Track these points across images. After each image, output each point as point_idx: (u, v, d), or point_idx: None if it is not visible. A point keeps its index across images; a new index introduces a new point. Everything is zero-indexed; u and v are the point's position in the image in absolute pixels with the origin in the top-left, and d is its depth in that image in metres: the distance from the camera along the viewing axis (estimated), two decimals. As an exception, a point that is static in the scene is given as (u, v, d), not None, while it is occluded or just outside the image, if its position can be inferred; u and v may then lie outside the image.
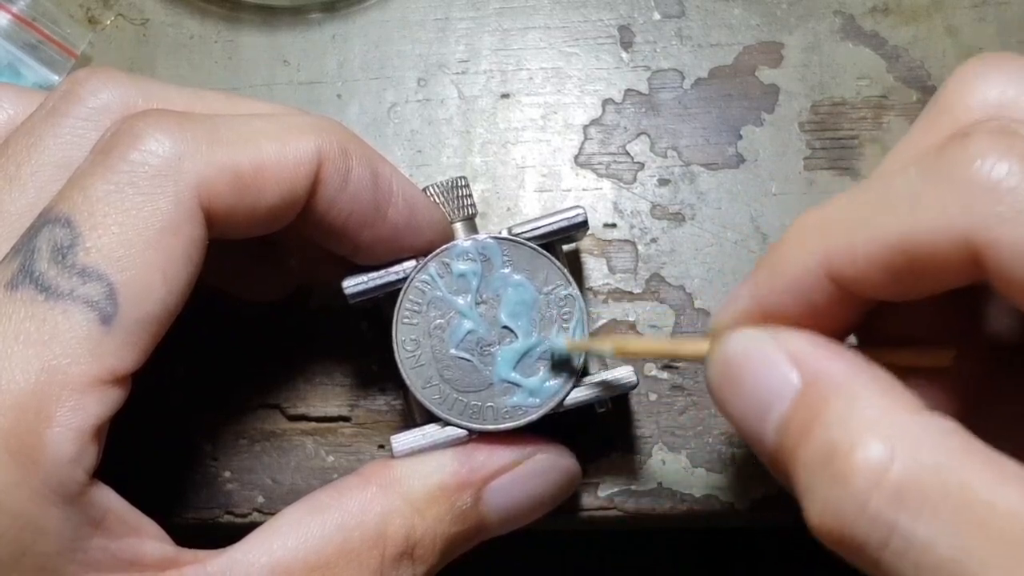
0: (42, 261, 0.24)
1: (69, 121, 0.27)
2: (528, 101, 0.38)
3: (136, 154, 0.25)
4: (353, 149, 0.28)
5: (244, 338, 0.35)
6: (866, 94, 0.37)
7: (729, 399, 0.25)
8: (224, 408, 0.34)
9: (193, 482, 0.34)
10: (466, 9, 0.39)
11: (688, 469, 0.34)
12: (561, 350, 0.30)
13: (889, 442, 0.21)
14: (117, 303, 0.24)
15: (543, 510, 0.30)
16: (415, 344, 0.30)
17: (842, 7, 0.38)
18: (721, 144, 0.37)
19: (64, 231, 0.24)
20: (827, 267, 0.24)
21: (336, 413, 0.35)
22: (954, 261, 0.22)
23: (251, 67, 0.38)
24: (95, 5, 0.39)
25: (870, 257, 0.23)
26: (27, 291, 0.24)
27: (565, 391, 0.30)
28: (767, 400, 0.24)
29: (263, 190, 0.26)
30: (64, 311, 0.24)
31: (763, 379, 0.24)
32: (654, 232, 0.36)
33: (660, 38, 0.38)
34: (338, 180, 0.28)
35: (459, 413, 0.29)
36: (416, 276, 0.30)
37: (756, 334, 0.25)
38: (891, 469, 0.21)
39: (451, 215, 0.32)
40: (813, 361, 0.23)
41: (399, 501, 0.27)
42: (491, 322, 0.30)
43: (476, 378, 0.30)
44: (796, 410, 0.23)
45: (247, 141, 0.26)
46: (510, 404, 0.29)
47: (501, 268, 0.30)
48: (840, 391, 0.23)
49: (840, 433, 0.22)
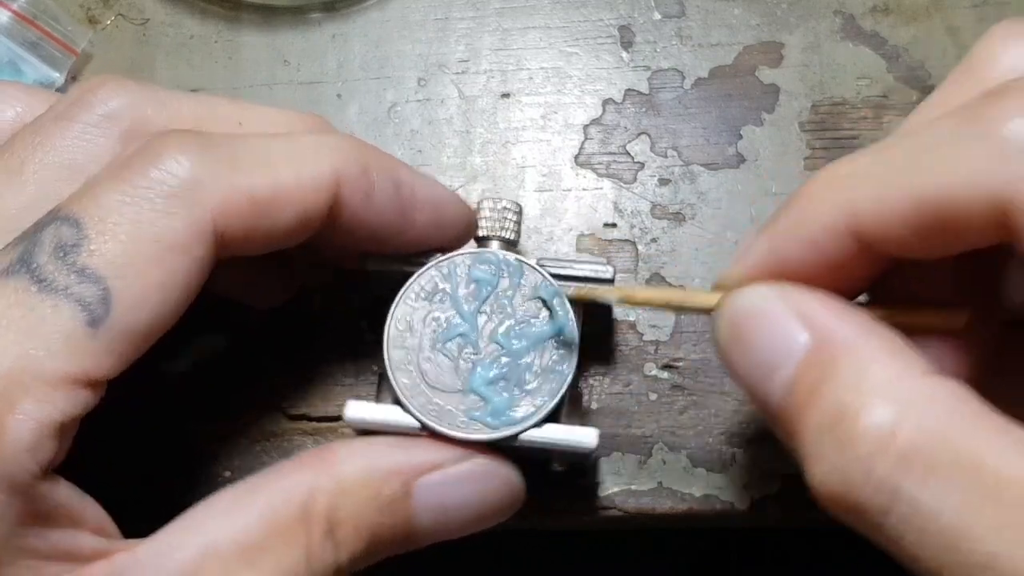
0: (42, 254, 0.24)
1: (78, 126, 0.27)
2: (528, 101, 0.38)
3: (155, 172, 0.25)
4: (373, 164, 0.28)
5: (243, 338, 0.35)
6: (866, 94, 0.37)
7: (736, 357, 0.25)
8: (224, 408, 0.34)
9: (193, 482, 0.34)
10: (466, 9, 0.39)
11: (688, 469, 0.34)
12: (558, 294, 0.30)
13: (897, 406, 0.21)
14: (109, 309, 0.24)
15: (479, 522, 0.29)
16: (407, 326, 0.30)
17: (842, 7, 0.38)
18: (721, 144, 0.37)
19: (71, 230, 0.24)
20: (851, 221, 0.23)
21: (336, 413, 0.35)
22: (981, 220, 0.21)
23: (251, 67, 0.38)
24: (95, 5, 0.39)
25: (898, 212, 0.22)
26: (21, 279, 0.24)
27: (526, 425, 0.29)
28: (775, 359, 0.23)
29: (279, 213, 0.27)
30: (54, 305, 0.24)
31: (772, 338, 0.24)
32: (654, 232, 0.36)
33: (660, 38, 0.38)
34: (360, 198, 0.28)
35: (420, 406, 0.29)
36: (435, 266, 0.30)
37: (766, 291, 0.24)
38: (898, 434, 0.20)
39: (490, 230, 0.32)
40: (823, 321, 0.23)
41: (326, 480, 0.27)
42: (486, 334, 0.30)
43: (450, 379, 0.29)
44: (804, 370, 0.23)
45: (264, 166, 0.26)
46: (470, 416, 0.29)
47: (516, 290, 0.30)
48: (850, 353, 0.22)
49: (848, 396, 0.21)
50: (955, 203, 0.22)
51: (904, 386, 0.21)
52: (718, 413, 0.34)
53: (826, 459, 0.22)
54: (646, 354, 0.34)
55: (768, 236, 0.25)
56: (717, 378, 0.34)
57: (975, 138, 0.22)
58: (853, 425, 0.21)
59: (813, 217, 0.24)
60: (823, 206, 0.24)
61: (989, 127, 0.21)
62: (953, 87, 0.25)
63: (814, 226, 0.24)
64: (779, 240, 0.25)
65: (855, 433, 0.21)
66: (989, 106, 0.22)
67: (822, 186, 0.24)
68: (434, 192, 0.30)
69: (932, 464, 0.20)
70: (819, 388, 0.22)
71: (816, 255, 0.24)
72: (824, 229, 0.24)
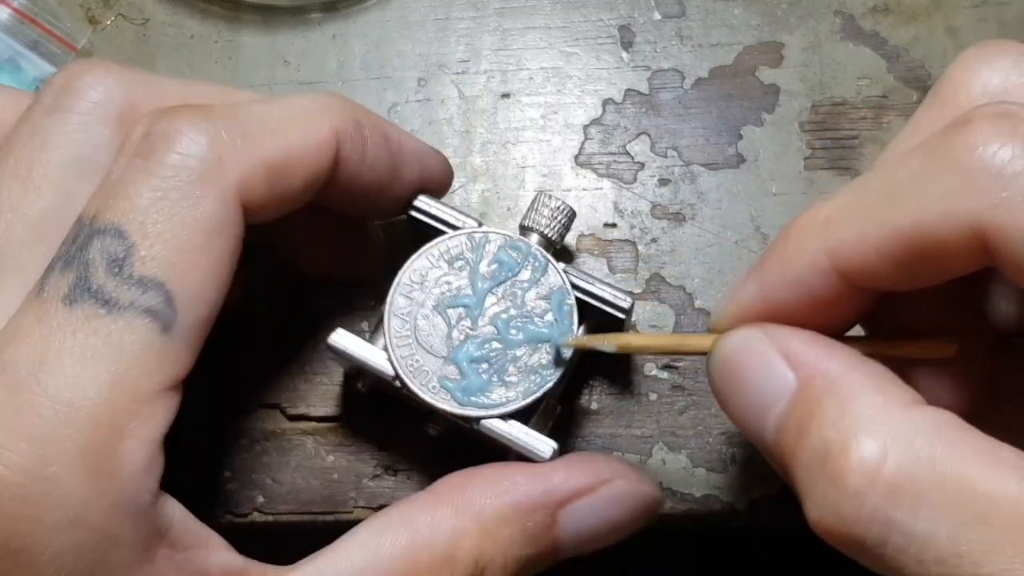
0: (99, 274, 0.24)
1: (73, 117, 0.27)
2: (528, 101, 0.38)
3: (175, 157, 0.25)
4: (364, 120, 0.29)
5: (244, 338, 0.35)
6: (866, 94, 0.37)
7: (730, 399, 0.25)
8: (224, 408, 0.34)
9: (193, 482, 0.34)
10: (466, 9, 0.39)
11: (688, 469, 0.34)
12: (562, 345, 0.30)
13: (882, 439, 0.21)
14: (175, 309, 0.24)
15: (620, 536, 0.29)
16: (420, 279, 0.30)
17: (842, 7, 0.38)
18: (721, 144, 0.37)
19: (116, 242, 0.24)
20: (834, 261, 0.23)
21: (336, 413, 0.35)
22: (962, 248, 0.22)
23: (251, 67, 0.38)
24: (95, 5, 0.39)
25: (877, 248, 0.23)
26: (87, 306, 0.24)
27: (490, 413, 0.29)
28: (766, 400, 0.24)
29: (292, 178, 0.27)
30: (127, 323, 0.24)
31: (761, 379, 0.24)
32: (654, 232, 0.36)
33: (660, 38, 0.38)
34: (357, 154, 0.28)
35: (401, 357, 0.29)
36: (468, 233, 0.31)
37: (753, 334, 0.25)
38: (885, 466, 0.21)
39: (534, 223, 0.32)
40: (808, 360, 0.23)
41: (470, 521, 0.27)
42: (488, 315, 0.30)
43: (438, 344, 0.30)
44: (792, 410, 0.23)
45: (272, 132, 0.27)
46: (442, 384, 0.29)
47: (533, 285, 0.30)
48: (834, 389, 0.23)
49: (834, 432, 0.22)
50: (932, 236, 0.22)
51: (888, 418, 0.22)
52: (718, 413, 0.34)
53: (819, 496, 0.22)
54: (646, 353, 0.34)
55: (756, 278, 0.25)
56: (717, 378, 0.34)
57: (946, 169, 0.22)
58: (841, 461, 0.21)
59: (797, 259, 0.24)
60: (806, 247, 0.24)
61: (958, 156, 0.21)
62: (926, 114, 0.25)
63: (799, 267, 0.24)
64: (767, 282, 0.25)
65: (844, 469, 0.21)
66: (957, 135, 0.22)
67: (804, 228, 0.25)
68: (417, 146, 0.31)
69: (921, 492, 0.20)
70: (807, 426, 0.22)
71: (803, 294, 0.24)
72: (809, 270, 0.24)
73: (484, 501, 0.27)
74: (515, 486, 0.28)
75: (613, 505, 0.29)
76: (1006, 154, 0.21)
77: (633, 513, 0.29)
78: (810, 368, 0.23)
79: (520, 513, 0.27)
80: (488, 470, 0.29)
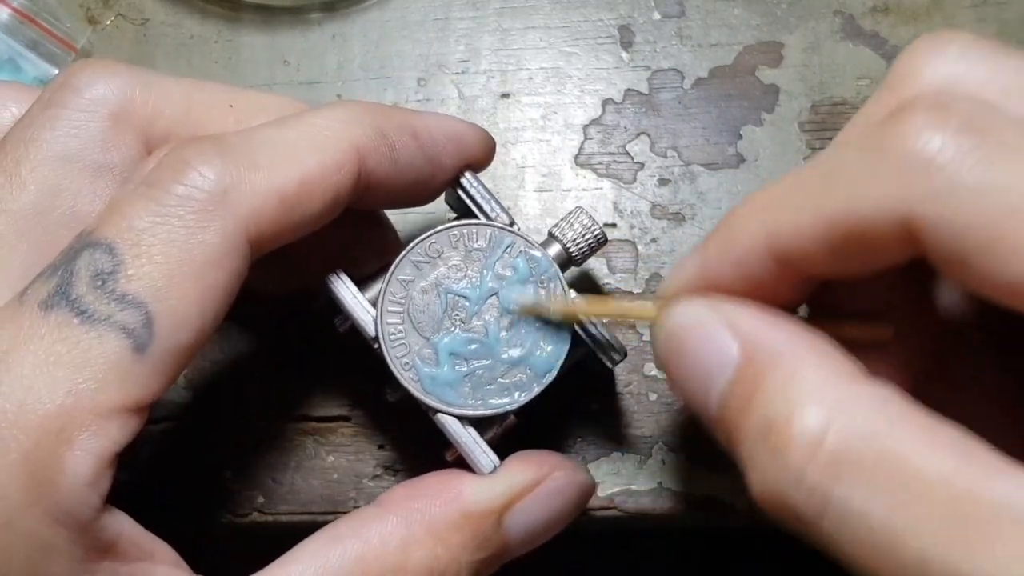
0: (80, 285, 0.24)
1: (66, 113, 0.27)
2: (528, 101, 0.38)
3: (181, 188, 0.25)
4: (387, 125, 0.28)
5: (244, 338, 0.35)
6: (866, 94, 0.37)
7: (674, 370, 0.25)
8: (224, 408, 0.34)
9: (193, 482, 0.34)
10: (466, 9, 0.39)
11: (688, 469, 0.34)
12: (512, 304, 0.30)
13: (824, 412, 0.21)
14: (153, 332, 0.24)
15: (561, 527, 0.30)
16: (435, 254, 0.30)
17: (842, 7, 0.38)
18: (721, 144, 0.37)
19: (106, 256, 0.24)
20: (771, 245, 0.23)
21: (336, 413, 0.35)
22: (892, 238, 0.22)
23: (251, 67, 0.38)
24: (95, 5, 0.39)
25: (812, 235, 0.23)
26: (61, 313, 0.24)
27: (448, 410, 0.29)
28: (709, 372, 0.24)
29: (309, 204, 0.26)
30: (99, 336, 0.24)
31: (705, 351, 0.24)
32: (654, 232, 0.36)
33: (660, 38, 0.38)
34: (386, 163, 0.28)
35: (388, 322, 0.29)
36: (500, 229, 0.30)
37: (699, 305, 0.25)
38: (827, 438, 0.21)
39: (562, 235, 0.31)
40: (753, 332, 0.23)
41: (421, 531, 0.27)
42: (484, 316, 0.30)
43: (426, 323, 0.30)
44: (736, 382, 0.23)
45: (286, 159, 0.26)
46: (413, 363, 0.29)
47: None
48: (779, 361, 0.23)
49: (778, 405, 0.22)
50: (864, 225, 0.22)
51: (831, 391, 0.22)
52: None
53: (761, 467, 0.22)
54: (646, 354, 0.34)
55: (699, 257, 0.25)
56: (717, 378, 0.34)
57: (878, 158, 0.22)
58: (784, 433, 0.21)
59: (737, 240, 0.24)
60: (746, 230, 0.24)
61: (891, 146, 0.21)
62: (875, 105, 0.25)
63: (738, 249, 0.24)
64: (709, 260, 0.25)
65: (786, 441, 0.21)
66: (892, 124, 0.22)
67: (745, 210, 0.25)
68: (450, 127, 0.30)
69: (859, 467, 0.20)
70: (751, 398, 0.22)
71: (743, 276, 0.24)
72: (747, 251, 0.24)
73: (434, 510, 0.27)
74: (462, 494, 0.28)
75: (554, 499, 0.29)
76: (935, 145, 0.21)
77: (572, 503, 0.30)
78: (755, 339, 0.23)
79: (471, 520, 0.28)
80: (434, 479, 0.29)
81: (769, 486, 0.22)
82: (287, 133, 0.27)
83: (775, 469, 0.21)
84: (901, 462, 0.20)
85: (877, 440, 0.20)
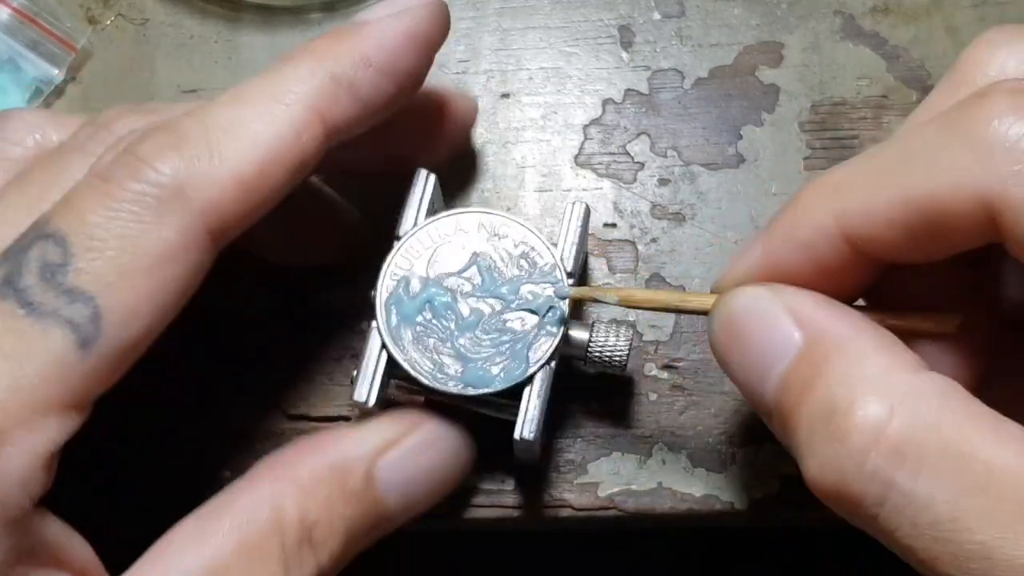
0: (29, 276, 0.24)
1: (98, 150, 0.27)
2: (528, 101, 0.38)
3: (135, 185, 0.24)
4: (339, 66, 0.27)
5: (244, 337, 0.35)
6: (866, 94, 0.37)
7: (731, 356, 0.25)
8: (224, 407, 0.34)
9: (192, 482, 0.34)
10: (466, 9, 0.39)
11: (688, 469, 0.34)
12: (559, 295, 0.30)
13: (888, 400, 0.21)
14: (100, 328, 0.24)
15: (441, 489, 0.29)
16: (454, 230, 0.31)
17: (842, 7, 0.38)
18: (721, 144, 0.37)
19: (57, 249, 0.24)
20: (843, 226, 0.23)
21: (336, 413, 0.35)
22: (970, 221, 0.21)
23: (251, 67, 0.38)
24: (95, 5, 0.39)
25: (887, 216, 0.23)
26: (8, 303, 0.23)
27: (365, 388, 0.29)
28: (769, 357, 0.24)
29: (272, 181, 0.26)
30: (43, 330, 0.23)
31: (766, 336, 0.24)
32: (654, 232, 0.36)
33: (660, 38, 0.38)
34: (349, 107, 0.27)
35: (391, 275, 0.30)
36: (519, 242, 0.31)
37: (760, 291, 0.25)
38: (890, 427, 0.21)
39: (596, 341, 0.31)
40: (816, 319, 0.23)
41: (288, 486, 0.26)
42: (475, 305, 0.30)
43: (406, 308, 0.30)
44: (798, 367, 0.23)
45: (243, 141, 0.26)
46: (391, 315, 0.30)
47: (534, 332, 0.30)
48: (842, 349, 0.23)
49: (841, 390, 0.22)
50: (942, 206, 0.22)
51: (895, 380, 0.22)
52: (718, 413, 0.34)
53: (820, 453, 0.22)
54: (646, 354, 0.34)
55: (764, 241, 0.25)
56: (717, 378, 0.34)
57: (959, 140, 0.22)
58: (845, 419, 0.21)
59: (806, 222, 0.24)
60: (815, 212, 0.24)
61: (973, 128, 0.21)
62: (943, 92, 0.25)
63: (807, 231, 0.24)
64: (774, 245, 0.25)
65: (848, 427, 0.21)
66: (973, 108, 0.22)
67: (814, 192, 0.25)
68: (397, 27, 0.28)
69: (923, 456, 0.20)
70: (812, 384, 0.22)
71: (810, 259, 0.24)
72: (817, 234, 0.24)
73: (300, 466, 0.27)
74: (327, 446, 0.28)
75: (426, 451, 0.29)
76: (1020, 129, 0.21)
77: (447, 459, 0.29)
78: (818, 328, 0.23)
79: (336, 472, 0.27)
80: (302, 441, 0.28)
81: (828, 471, 0.22)
82: (241, 111, 0.26)
83: (835, 454, 0.21)
84: (966, 453, 0.20)
85: (942, 430, 0.20)
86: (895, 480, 0.20)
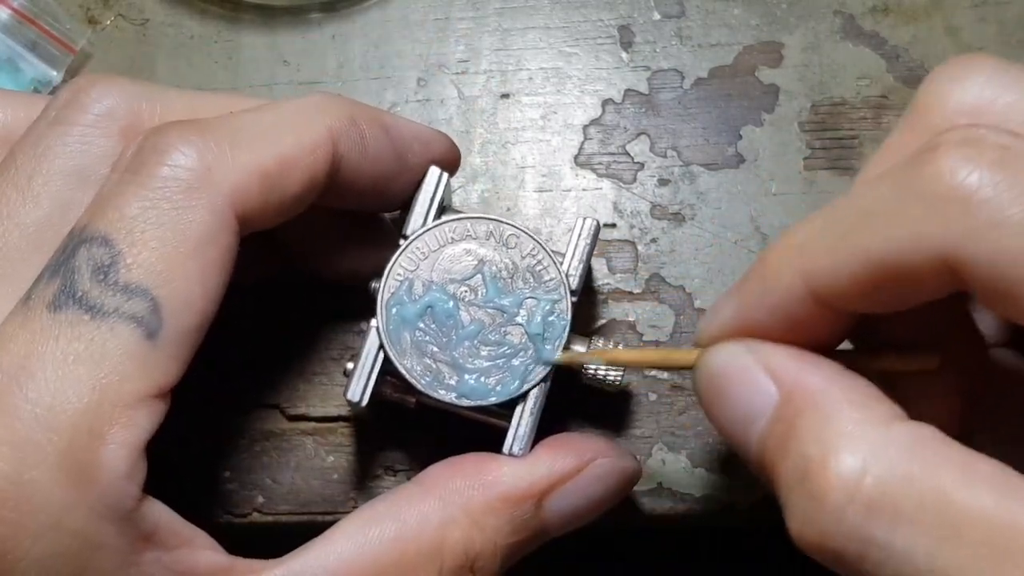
0: (84, 281, 0.24)
1: (76, 129, 0.27)
2: (528, 101, 0.38)
3: (165, 170, 0.25)
4: (359, 114, 0.29)
5: (244, 338, 0.35)
6: (866, 94, 0.37)
7: (715, 413, 0.25)
8: (224, 408, 0.34)
9: (192, 482, 0.34)
10: (466, 9, 0.39)
11: (688, 469, 0.34)
12: (549, 360, 0.30)
13: (861, 455, 0.21)
14: (161, 317, 0.24)
15: (601, 511, 0.30)
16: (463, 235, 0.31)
17: (842, 7, 0.38)
18: (721, 144, 0.37)
19: (103, 250, 0.24)
20: (810, 286, 0.23)
21: (336, 413, 0.35)
22: (933, 275, 0.22)
23: (251, 67, 0.38)
24: (95, 5, 0.39)
25: (851, 275, 0.23)
26: (71, 312, 0.24)
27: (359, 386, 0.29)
28: (749, 414, 0.24)
29: (288, 183, 0.27)
30: (111, 329, 0.24)
31: (745, 394, 0.24)
32: (654, 232, 0.36)
33: (660, 38, 0.38)
34: (357, 149, 0.29)
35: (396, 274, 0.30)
36: (527, 254, 0.31)
37: (735, 348, 0.25)
38: (864, 482, 0.21)
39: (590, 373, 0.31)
40: (790, 374, 0.24)
41: (458, 512, 0.27)
42: (472, 307, 0.30)
43: (407, 311, 0.30)
44: (774, 425, 0.23)
45: (265, 139, 0.27)
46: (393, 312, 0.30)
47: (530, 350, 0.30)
48: (814, 405, 0.23)
49: (813, 448, 0.22)
50: (903, 263, 0.22)
51: (867, 434, 0.22)
52: (718, 413, 0.34)
53: (800, 511, 0.22)
54: (646, 354, 0.34)
55: (735, 301, 0.25)
56: (717, 378, 0.34)
57: (913, 197, 0.22)
58: (820, 477, 0.21)
59: (774, 285, 0.24)
60: (782, 274, 0.24)
61: (926, 185, 0.21)
62: (900, 135, 0.25)
63: (776, 293, 0.24)
64: (747, 305, 0.25)
65: (823, 485, 0.21)
66: (925, 164, 0.22)
67: (779, 255, 0.25)
68: (418, 130, 0.31)
69: (899, 508, 0.20)
70: (787, 441, 0.23)
71: (784, 318, 0.24)
72: (787, 295, 0.24)
73: (472, 492, 0.28)
74: (502, 477, 0.28)
75: (596, 484, 0.29)
76: (973, 181, 0.21)
77: (615, 489, 0.30)
78: (791, 382, 0.23)
79: (508, 504, 0.28)
80: (473, 459, 0.29)
81: (808, 528, 0.22)
82: (264, 116, 0.27)
83: (813, 511, 0.21)
84: (941, 501, 0.20)
85: (915, 481, 0.20)
86: (874, 535, 0.20)
